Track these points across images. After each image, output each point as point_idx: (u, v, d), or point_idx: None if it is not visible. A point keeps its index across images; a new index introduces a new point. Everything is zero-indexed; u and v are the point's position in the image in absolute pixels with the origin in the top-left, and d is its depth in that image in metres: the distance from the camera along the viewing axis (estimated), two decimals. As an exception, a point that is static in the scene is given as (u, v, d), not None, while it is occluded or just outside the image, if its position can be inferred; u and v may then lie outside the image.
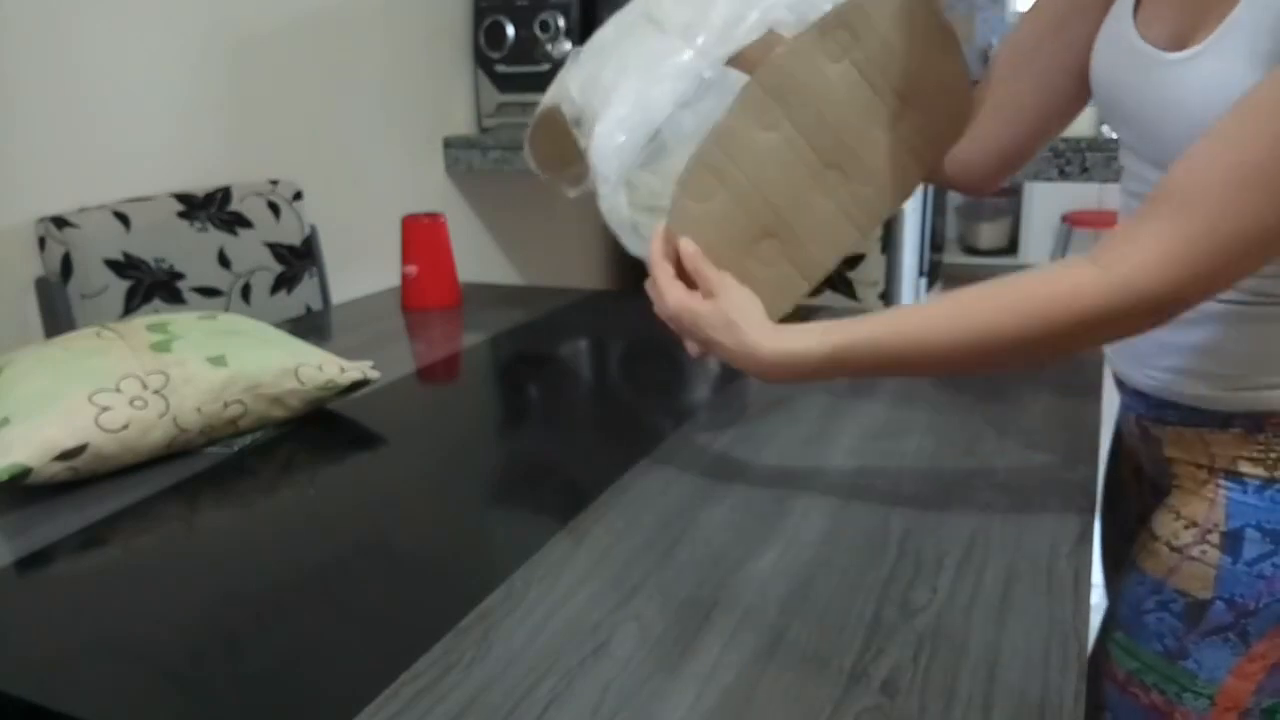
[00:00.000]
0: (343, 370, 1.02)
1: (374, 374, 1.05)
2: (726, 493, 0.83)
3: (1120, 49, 0.74)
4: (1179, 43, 0.67)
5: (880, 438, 0.94)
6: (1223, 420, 0.73)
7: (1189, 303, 0.63)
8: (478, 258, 2.47)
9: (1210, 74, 0.64)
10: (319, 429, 1.01)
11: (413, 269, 1.51)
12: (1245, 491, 0.72)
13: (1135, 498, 0.89)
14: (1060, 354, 0.69)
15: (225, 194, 1.57)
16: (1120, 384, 0.83)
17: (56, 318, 1.33)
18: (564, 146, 0.92)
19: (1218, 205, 0.59)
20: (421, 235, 1.51)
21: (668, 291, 0.77)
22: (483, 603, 0.66)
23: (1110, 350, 0.82)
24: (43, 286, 1.34)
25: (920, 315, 0.70)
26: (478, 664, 0.60)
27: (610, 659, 0.60)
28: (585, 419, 0.97)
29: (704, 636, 0.62)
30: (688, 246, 0.78)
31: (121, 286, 1.39)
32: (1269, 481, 0.71)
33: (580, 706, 0.56)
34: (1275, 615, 0.70)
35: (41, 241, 1.36)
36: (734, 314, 0.74)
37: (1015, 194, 4.44)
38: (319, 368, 1.01)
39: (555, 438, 0.99)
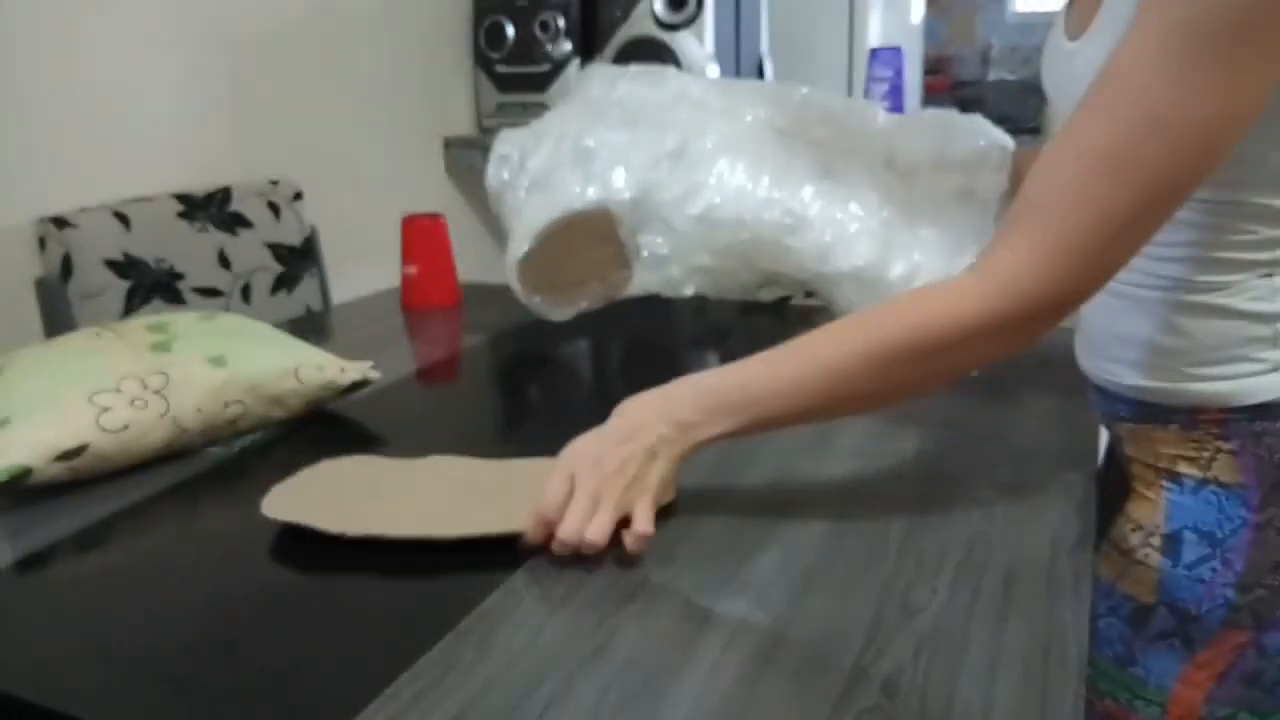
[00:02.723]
0: (343, 370, 1.02)
1: (374, 374, 1.05)
2: (727, 493, 0.83)
3: (1051, 50, 0.76)
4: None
5: (880, 438, 0.94)
6: (1164, 416, 0.73)
7: (1072, 299, 0.63)
8: (478, 258, 2.46)
9: (1091, 56, 0.66)
10: (319, 429, 1.01)
11: (413, 269, 1.51)
12: (1182, 492, 0.72)
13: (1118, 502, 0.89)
14: (950, 370, 0.69)
15: (225, 194, 1.57)
16: (1087, 381, 0.83)
17: (56, 318, 1.34)
18: (577, 261, 0.91)
19: (1074, 197, 0.60)
20: (421, 235, 1.51)
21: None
22: (483, 603, 0.66)
23: (1076, 345, 0.82)
24: (42, 287, 1.35)
25: (805, 355, 0.69)
26: (478, 665, 0.60)
27: (610, 660, 0.60)
28: (585, 419, 0.97)
29: (704, 637, 0.62)
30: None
31: (121, 287, 1.39)
32: (1203, 482, 0.71)
33: (580, 707, 0.56)
34: (1218, 621, 0.70)
35: (41, 242, 1.36)
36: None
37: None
38: (319, 368, 1.01)
39: (555, 437, 0.99)
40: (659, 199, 0.86)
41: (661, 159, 0.87)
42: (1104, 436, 0.91)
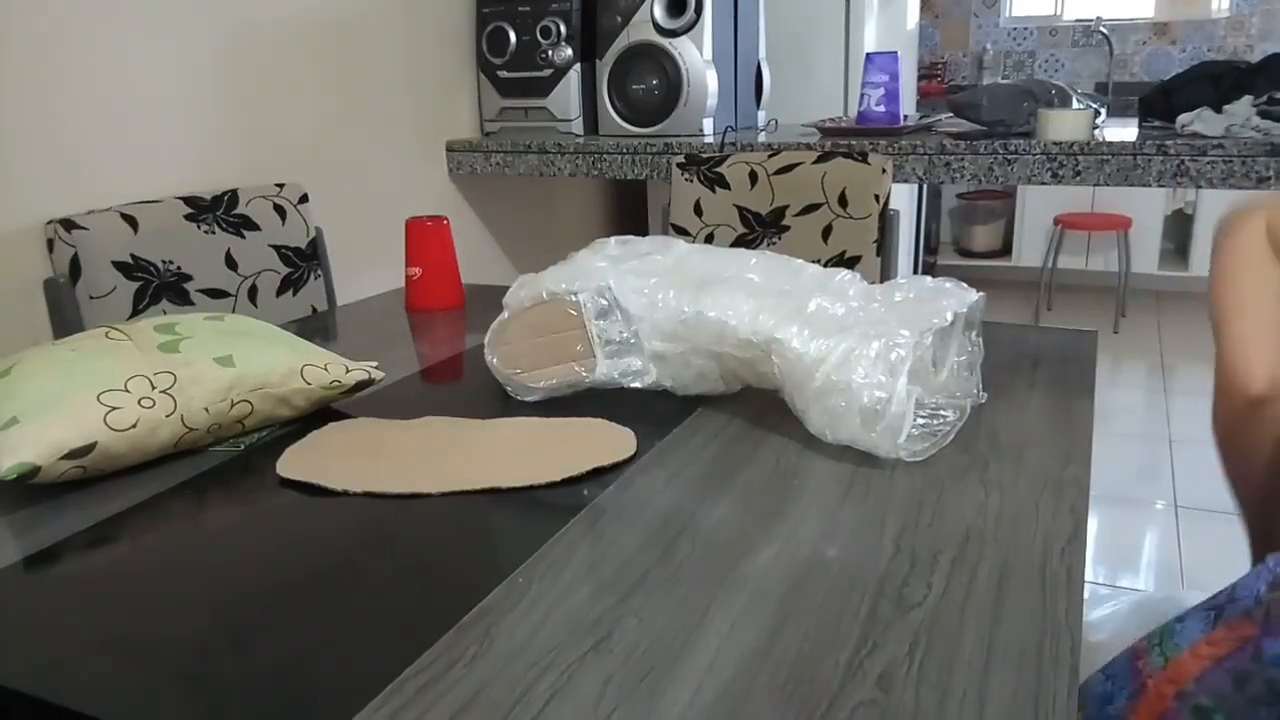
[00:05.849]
0: (347, 370, 1.04)
1: (378, 374, 1.07)
2: (725, 490, 0.84)
3: None
4: None
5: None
6: None
7: None
8: (480, 259, 2.48)
9: None
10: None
11: (416, 271, 1.53)
12: None
13: None
14: None
15: (232, 197, 1.58)
16: None
17: (65, 318, 1.35)
18: (552, 354, 1.06)
19: None
20: (425, 237, 1.53)
21: None
22: (485, 599, 0.67)
23: None
24: (51, 287, 1.36)
25: None
26: (480, 659, 0.61)
27: (610, 654, 0.61)
28: (584, 416, 0.99)
29: (702, 632, 0.63)
30: None
31: (129, 288, 1.40)
32: None
33: (581, 701, 0.57)
34: (1241, 609, 0.71)
35: (50, 243, 1.37)
36: None
37: (1009, 197, 4.44)
38: (324, 368, 1.02)
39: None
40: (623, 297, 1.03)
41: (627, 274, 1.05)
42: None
